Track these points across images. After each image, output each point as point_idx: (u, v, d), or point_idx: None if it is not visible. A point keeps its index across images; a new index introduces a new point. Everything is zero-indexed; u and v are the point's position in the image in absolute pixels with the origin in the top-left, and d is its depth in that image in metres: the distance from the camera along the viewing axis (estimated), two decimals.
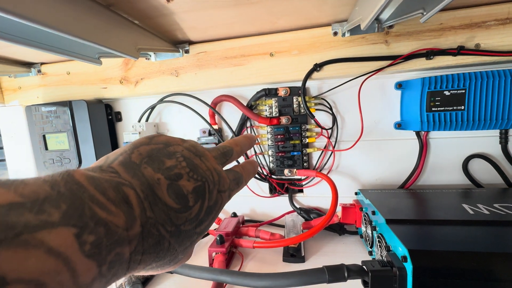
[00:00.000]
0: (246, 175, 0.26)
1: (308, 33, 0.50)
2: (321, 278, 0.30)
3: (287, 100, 0.56)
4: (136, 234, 0.14)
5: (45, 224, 0.11)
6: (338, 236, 0.52)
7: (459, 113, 0.46)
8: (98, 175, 0.15)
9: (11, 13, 0.24)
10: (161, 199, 0.16)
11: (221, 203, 0.21)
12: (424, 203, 0.43)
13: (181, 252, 0.18)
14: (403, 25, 0.47)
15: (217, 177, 0.21)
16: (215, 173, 0.21)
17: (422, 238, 0.32)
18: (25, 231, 0.10)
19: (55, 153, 0.60)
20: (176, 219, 0.17)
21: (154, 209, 0.16)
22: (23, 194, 0.11)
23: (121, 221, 0.14)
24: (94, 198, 0.13)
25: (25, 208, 0.11)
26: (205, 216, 0.19)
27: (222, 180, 0.21)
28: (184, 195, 0.18)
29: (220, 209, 0.21)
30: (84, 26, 0.32)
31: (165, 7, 0.38)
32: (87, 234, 0.12)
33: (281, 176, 0.59)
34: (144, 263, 0.16)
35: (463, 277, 0.27)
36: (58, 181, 0.13)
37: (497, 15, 0.44)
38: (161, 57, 0.56)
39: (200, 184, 0.19)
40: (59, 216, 0.11)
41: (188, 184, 0.18)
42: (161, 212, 0.16)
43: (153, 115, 0.64)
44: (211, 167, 0.21)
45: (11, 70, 0.61)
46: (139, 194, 0.16)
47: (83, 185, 0.13)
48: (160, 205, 0.16)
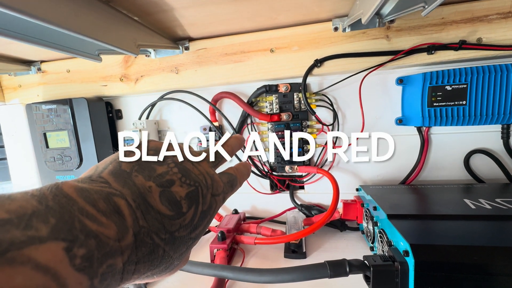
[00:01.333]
0: (240, 176, 0.26)
1: (308, 28, 0.50)
2: (323, 273, 0.30)
3: (287, 97, 0.55)
4: (128, 244, 0.14)
5: (32, 240, 0.10)
6: (340, 232, 0.52)
7: (461, 108, 0.46)
8: (87, 186, 0.15)
9: (10, 8, 0.23)
10: (154, 207, 0.16)
11: (215, 207, 0.21)
12: (425, 198, 0.43)
13: (176, 258, 0.18)
14: (404, 20, 0.46)
15: (210, 181, 0.21)
16: (208, 177, 0.21)
17: (423, 233, 0.32)
18: (12, 248, 0.10)
19: (56, 151, 0.60)
20: (170, 226, 0.17)
21: (147, 217, 0.16)
22: (10, 210, 0.11)
23: (113, 232, 0.13)
24: (83, 210, 0.13)
25: (12, 225, 0.10)
26: (200, 221, 0.19)
27: (215, 184, 0.21)
28: (177, 201, 0.17)
29: (214, 213, 0.21)
30: (84, 22, 0.32)
31: (164, 3, 0.38)
32: (77, 248, 0.12)
33: (282, 172, 0.59)
34: (138, 273, 0.15)
35: (465, 272, 0.27)
36: (46, 194, 0.12)
37: (499, 9, 0.43)
38: (161, 54, 0.56)
39: (193, 189, 0.19)
40: (48, 230, 0.11)
41: (180, 190, 0.18)
42: (154, 220, 0.16)
43: (153, 113, 0.64)
44: (203, 171, 0.21)
45: (11, 68, 0.61)
46: (131, 204, 0.15)
47: (72, 198, 0.13)
48: (153, 213, 0.16)
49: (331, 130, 0.55)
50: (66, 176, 0.61)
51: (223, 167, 0.26)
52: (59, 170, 0.61)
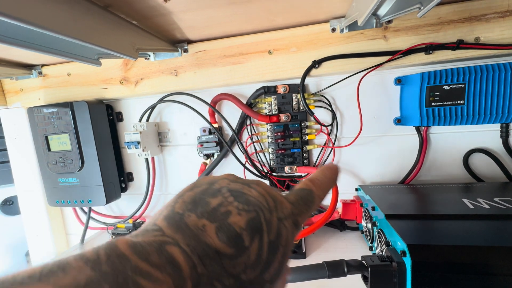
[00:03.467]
0: (317, 188, 0.20)
1: (306, 30, 0.50)
2: (321, 273, 0.30)
3: (286, 98, 0.56)
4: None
5: None
6: (339, 232, 0.53)
7: (459, 108, 0.46)
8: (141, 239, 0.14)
9: (9, 16, 0.24)
10: (211, 246, 0.14)
11: (286, 235, 0.17)
12: (424, 198, 0.43)
13: None
14: (402, 20, 0.46)
15: (272, 202, 0.17)
16: (269, 198, 0.17)
17: (421, 233, 0.32)
18: None
19: (58, 154, 0.61)
20: (232, 268, 0.14)
21: (206, 262, 0.14)
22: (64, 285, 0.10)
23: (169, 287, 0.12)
24: (137, 269, 0.12)
25: None
26: (270, 256, 0.15)
27: (279, 205, 0.18)
28: (236, 234, 0.15)
29: (288, 243, 0.17)
30: (82, 28, 0.32)
31: (162, 7, 0.38)
32: None
33: (282, 173, 0.59)
34: None
35: (463, 271, 0.27)
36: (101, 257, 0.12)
37: (497, 8, 0.43)
38: (160, 57, 0.57)
39: (254, 216, 0.16)
40: None
41: (239, 219, 0.15)
42: (214, 263, 0.14)
43: (153, 115, 0.64)
44: (263, 192, 0.18)
45: (13, 73, 0.62)
46: (185, 249, 0.13)
47: (125, 256, 0.12)
48: (212, 255, 0.14)
49: (330, 130, 0.55)
50: (68, 178, 0.61)
51: None
52: (61, 173, 0.61)
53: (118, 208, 0.71)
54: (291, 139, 0.56)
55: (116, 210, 0.72)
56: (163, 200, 0.68)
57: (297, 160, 0.57)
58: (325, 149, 0.56)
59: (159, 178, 0.67)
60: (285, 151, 0.57)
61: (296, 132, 0.56)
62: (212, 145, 0.60)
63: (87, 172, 0.60)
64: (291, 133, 0.56)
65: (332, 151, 0.56)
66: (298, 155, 0.57)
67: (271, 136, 0.57)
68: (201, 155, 0.62)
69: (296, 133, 0.56)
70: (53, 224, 0.72)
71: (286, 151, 0.57)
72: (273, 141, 0.57)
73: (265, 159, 0.60)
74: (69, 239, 0.75)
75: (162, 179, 0.67)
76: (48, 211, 0.71)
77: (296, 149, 0.57)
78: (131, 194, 0.69)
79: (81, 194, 0.62)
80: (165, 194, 0.68)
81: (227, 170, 0.63)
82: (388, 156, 0.54)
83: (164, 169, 0.66)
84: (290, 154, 0.57)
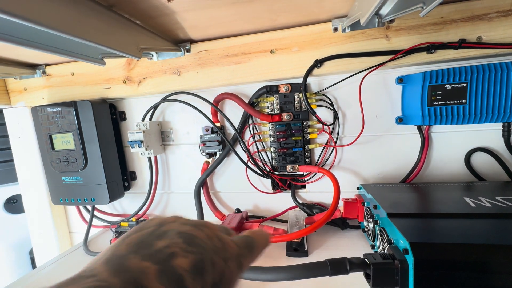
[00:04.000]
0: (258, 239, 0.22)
1: (308, 29, 0.50)
2: (324, 271, 0.30)
3: (288, 97, 0.56)
4: None
5: None
6: (341, 230, 0.53)
7: (461, 107, 0.46)
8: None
9: (14, 15, 0.24)
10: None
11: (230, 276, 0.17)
12: (425, 196, 0.43)
13: None
14: (404, 19, 0.46)
15: (219, 244, 0.18)
16: (217, 239, 0.18)
17: (423, 231, 0.32)
18: None
19: (62, 153, 0.61)
20: None
21: None
22: None
23: None
24: None
25: None
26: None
27: (226, 246, 0.18)
28: (178, 275, 0.14)
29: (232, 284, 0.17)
30: (87, 27, 0.33)
31: (166, 7, 0.39)
32: None
33: (284, 172, 0.59)
34: None
35: (464, 270, 0.27)
36: None
37: (499, 7, 0.43)
38: (163, 56, 0.57)
39: (199, 257, 0.16)
40: None
41: (184, 261, 0.15)
42: None
43: (156, 114, 0.64)
44: (211, 234, 0.18)
45: (17, 72, 0.62)
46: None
47: None
48: None
49: (332, 129, 0.56)
50: (72, 177, 0.62)
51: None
52: (65, 172, 0.62)
53: (121, 206, 0.72)
54: (293, 138, 0.57)
55: (119, 209, 0.72)
56: (165, 199, 0.69)
57: (299, 159, 0.57)
58: (327, 148, 0.57)
59: (161, 177, 0.67)
60: (287, 150, 0.57)
61: (298, 131, 0.56)
62: (215, 144, 0.61)
63: (90, 171, 0.61)
64: (293, 132, 0.57)
65: (334, 150, 0.56)
66: (300, 154, 0.57)
67: (273, 135, 0.58)
68: (203, 154, 0.62)
69: (298, 132, 0.56)
70: (56, 223, 0.72)
71: (288, 150, 0.57)
72: (275, 140, 0.58)
73: (267, 158, 0.60)
74: (72, 238, 0.76)
75: (165, 177, 0.67)
76: (52, 209, 0.71)
77: (298, 148, 0.57)
78: (134, 193, 0.70)
79: (84, 193, 0.62)
80: (168, 193, 0.68)
81: (229, 169, 0.63)
82: (390, 155, 0.54)
83: (167, 168, 0.67)
84: (292, 153, 0.57)
